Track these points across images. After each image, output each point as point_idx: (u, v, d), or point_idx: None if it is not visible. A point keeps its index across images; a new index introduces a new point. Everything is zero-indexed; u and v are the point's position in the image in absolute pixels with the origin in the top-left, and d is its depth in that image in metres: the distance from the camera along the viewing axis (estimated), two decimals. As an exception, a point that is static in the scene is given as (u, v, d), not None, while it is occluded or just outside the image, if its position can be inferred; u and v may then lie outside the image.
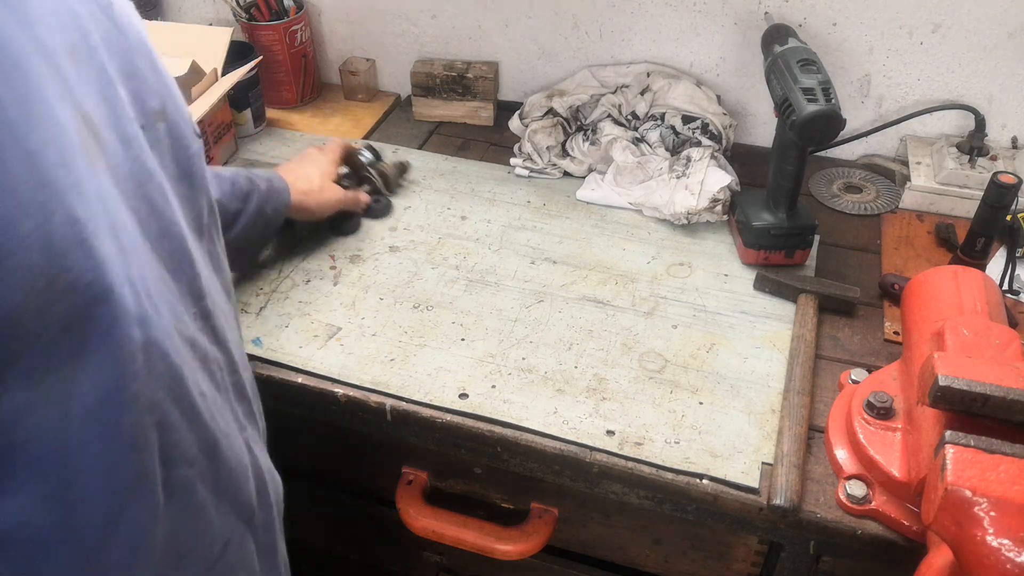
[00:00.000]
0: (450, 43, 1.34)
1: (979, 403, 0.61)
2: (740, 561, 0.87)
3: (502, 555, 0.88)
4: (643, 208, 1.10)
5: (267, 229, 0.93)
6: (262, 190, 0.90)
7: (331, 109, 1.38)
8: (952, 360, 0.64)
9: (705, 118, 1.15)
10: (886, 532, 0.71)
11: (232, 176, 0.89)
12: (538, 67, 1.32)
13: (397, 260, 1.02)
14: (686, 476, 0.76)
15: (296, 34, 1.32)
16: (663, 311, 0.94)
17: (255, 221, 0.89)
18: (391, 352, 0.89)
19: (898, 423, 0.73)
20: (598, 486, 0.81)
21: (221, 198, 0.84)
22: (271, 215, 0.92)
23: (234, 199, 0.87)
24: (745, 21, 1.17)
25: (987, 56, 1.10)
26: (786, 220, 0.97)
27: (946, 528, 0.56)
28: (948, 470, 0.57)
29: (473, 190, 1.16)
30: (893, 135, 1.20)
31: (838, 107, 0.86)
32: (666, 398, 0.83)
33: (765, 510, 0.74)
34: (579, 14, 1.24)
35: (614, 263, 1.01)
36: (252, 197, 0.89)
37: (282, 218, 0.94)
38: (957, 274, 0.80)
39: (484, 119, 1.33)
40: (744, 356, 0.88)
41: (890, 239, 1.06)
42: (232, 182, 0.88)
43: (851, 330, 0.92)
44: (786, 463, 0.74)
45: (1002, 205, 0.90)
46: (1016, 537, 0.53)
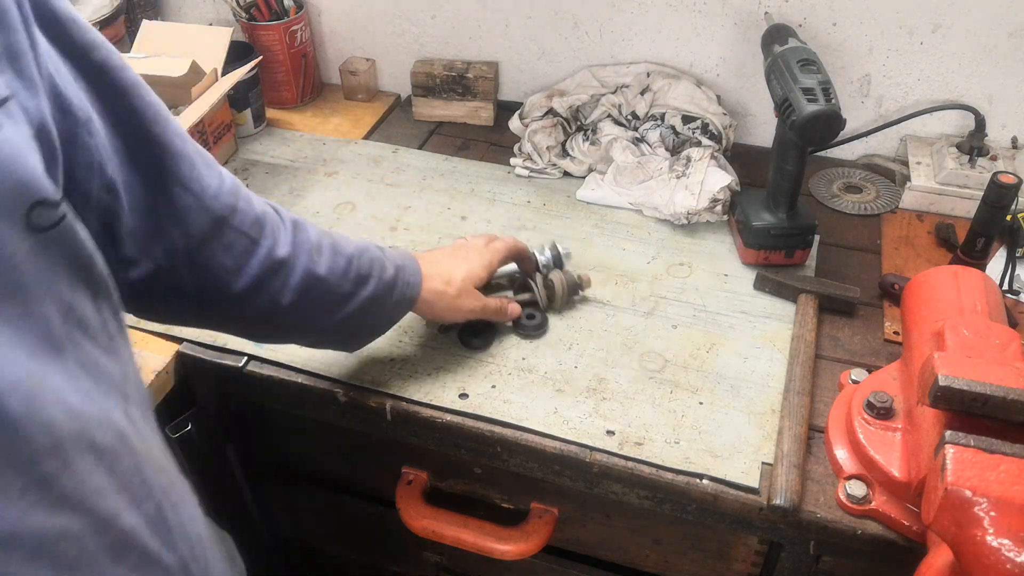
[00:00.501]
0: (450, 43, 1.34)
1: (979, 403, 0.61)
2: (740, 561, 0.87)
3: (502, 555, 0.88)
4: (643, 208, 1.10)
5: (381, 321, 0.80)
6: (385, 278, 0.76)
7: (331, 109, 1.39)
8: (952, 360, 0.64)
9: (705, 118, 1.15)
10: (886, 532, 0.71)
11: (355, 252, 0.74)
12: (538, 67, 1.32)
13: (397, 260, 1.02)
14: (686, 476, 0.76)
15: (296, 34, 1.32)
16: (663, 311, 0.94)
17: (366, 310, 0.75)
18: (391, 352, 0.89)
19: (898, 423, 0.73)
20: (598, 486, 0.81)
21: (330, 276, 0.71)
22: (390, 308, 0.78)
23: (346, 280, 0.73)
24: (745, 21, 1.17)
25: (987, 56, 1.10)
26: (786, 220, 0.97)
27: (946, 528, 0.56)
28: (948, 470, 0.57)
29: (473, 190, 1.16)
30: (893, 135, 1.20)
31: (838, 107, 0.86)
32: (666, 398, 0.83)
33: (765, 510, 0.74)
34: (579, 14, 1.24)
35: (614, 263, 1.01)
36: (369, 282, 0.74)
37: (403, 313, 0.81)
38: (957, 274, 0.80)
39: (484, 119, 1.33)
40: (744, 356, 0.88)
41: (890, 239, 1.06)
42: (351, 260, 0.73)
43: (851, 330, 0.92)
44: (786, 463, 0.74)
45: (1002, 205, 0.90)
46: (1016, 537, 0.53)
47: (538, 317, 0.91)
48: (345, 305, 0.73)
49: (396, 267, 0.78)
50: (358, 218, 1.10)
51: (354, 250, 0.74)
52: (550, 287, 0.92)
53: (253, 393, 0.91)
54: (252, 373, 0.88)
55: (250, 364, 0.88)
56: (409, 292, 0.79)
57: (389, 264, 0.77)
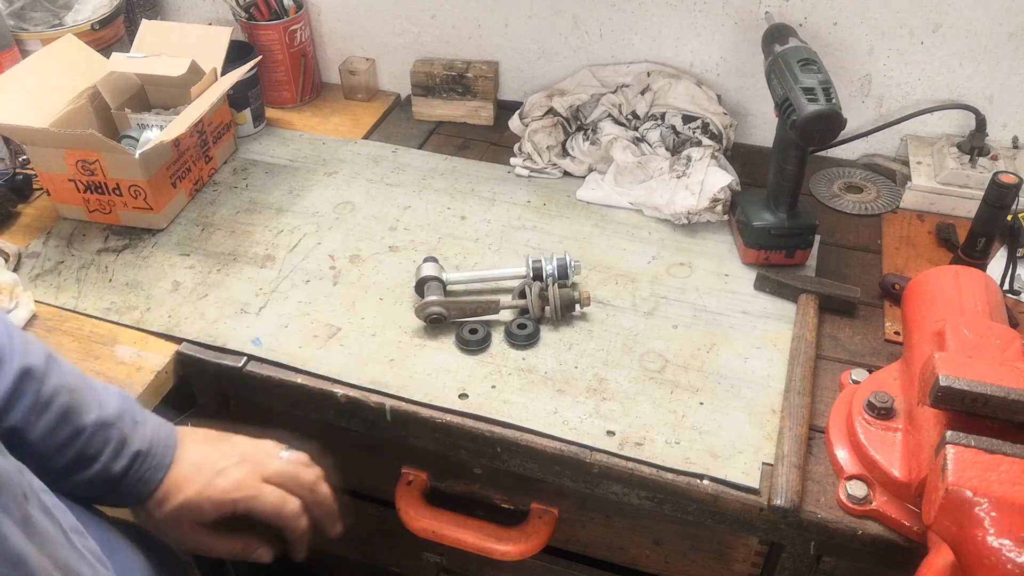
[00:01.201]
0: (450, 42, 1.34)
1: (980, 403, 0.61)
2: (740, 561, 0.87)
3: (501, 556, 0.88)
4: (643, 208, 1.10)
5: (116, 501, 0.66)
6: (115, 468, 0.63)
7: (331, 109, 1.38)
8: (953, 360, 0.64)
9: (705, 118, 1.15)
10: (887, 532, 0.71)
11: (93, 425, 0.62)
12: (538, 66, 1.32)
13: (397, 260, 1.02)
14: (686, 476, 0.76)
15: (296, 34, 1.32)
16: (663, 311, 0.94)
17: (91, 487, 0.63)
18: (391, 352, 0.89)
19: (899, 423, 0.73)
20: (598, 486, 0.81)
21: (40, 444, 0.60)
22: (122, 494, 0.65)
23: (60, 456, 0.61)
24: (745, 21, 1.16)
25: (988, 56, 1.10)
26: (786, 220, 0.97)
27: (947, 528, 0.56)
28: (949, 470, 0.57)
29: (473, 190, 1.16)
30: (894, 135, 1.20)
31: (839, 107, 0.86)
32: (666, 398, 0.83)
33: (766, 510, 0.74)
34: (579, 13, 1.24)
35: (614, 263, 1.01)
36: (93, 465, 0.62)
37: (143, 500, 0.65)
38: (958, 274, 0.80)
39: (484, 119, 1.32)
40: (744, 356, 0.88)
41: (891, 239, 1.06)
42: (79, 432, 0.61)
43: (852, 330, 0.92)
44: (787, 463, 0.74)
45: (1003, 205, 0.90)
46: (1017, 537, 0.53)
47: (529, 327, 0.90)
48: (62, 480, 0.61)
49: (135, 453, 0.64)
50: (358, 218, 1.10)
51: (93, 422, 0.62)
52: (544, 299, 0.91)
53: (253, 393, 0.91)
54: (252, 373, 0.88)
55: (250, 364, 0.88)
56: (142, 488, 0.65)
57: (129, 447, 0.64)
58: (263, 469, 0.68)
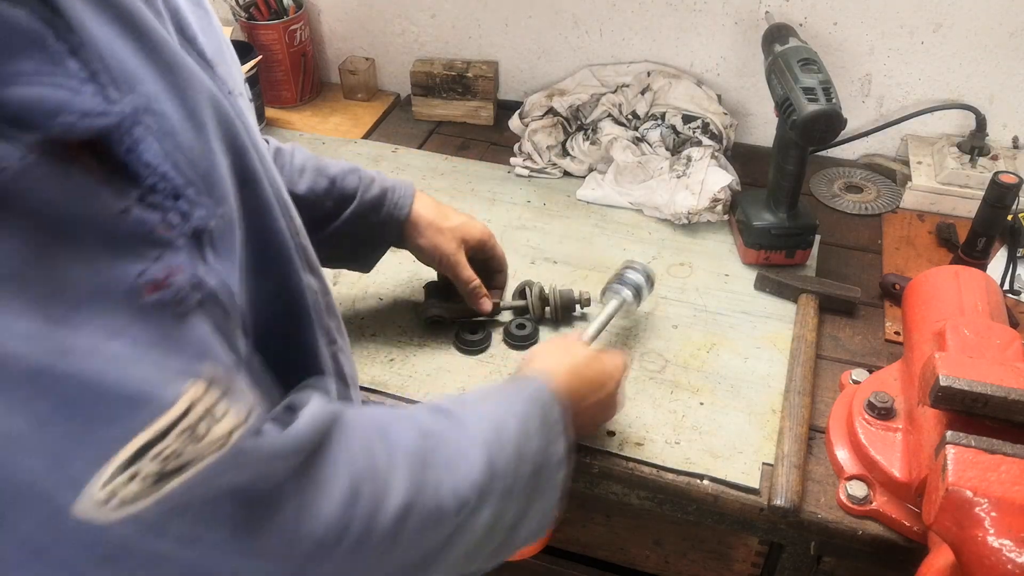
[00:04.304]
0: (450, 42, 1.34)
1: (980, 403, 0.61)
2: (740, 561, 0.87)
3: (502, 555, 0.88)
4: (644, 208, 1.10)
5: (373, 239, 0.84)
6: (368, 197, 0.81)
7: (330, 108, 1.38)
8: (953, 360, 0.64)
9: (706, 117, 1.15)
10: (887, 532, 0.71)
11: (339, 173, 0.80)
12: (538, 66, 1.32)
13: (397, 260, 1.02)
14: (687, 476, 0.76)
15: (295, 33, 1.32)
16: (663, 311, 0.94)
17: (354, 225, 0.80)
18: (391, 352, 0.89)
19: (899, 423, 0.73)
20: (598, 486, 0.81)
21: (309, 195, 0.77)
22: (378, 226, 0.82)
23: (328, 198, 0.79)
24: (745, 20, 1.16)
25: (988, 56, 1.10)
26: (787, 220, 0.97)
27: (947, 528, 0.56)
28: (949, 470, 0.56)
29: (473, 190, 1.16)
30: (894, 135, 1.20)
31: (839, 107, 0.86)
32: (666, 398, 0.83)
33: (766, 510, 0.74)
34: (579, 13, 1.23)
35: (615, 263, 1.01)
36: (352, 201, 0.80)
37: (394, 233, 0.84)
38: (958, 274, 0.80)
39: (484, 118, 1.32)
40: (745, 356, 0.88)
41: (891, 239, 1.06)
42: (334, 180, 0.79)
43: (852, 330, 0.92)
44: (787, 463, 0.74)
45: (1003, 205, 0.90)
46: (1017, 538, 0.53)
47: (528, 327, 0.89)
48: (328, 223, 0.79)
49: (384, 188, 0.82)
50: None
51: (339, 171, 0.80)
52: (545, 299, 0.91)
53: (253, 393, 0.90)
54: (252, 373, 0.88)
55: (250, 364, 0.88)
56: (397, 212, 0.83)
57: (377, 185, 0.82)
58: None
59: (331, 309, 0.63)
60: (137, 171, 0.37)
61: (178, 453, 0.36)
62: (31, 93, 0.33)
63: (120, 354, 0.35)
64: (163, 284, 0.37)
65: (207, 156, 0.42)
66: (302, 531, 0.42)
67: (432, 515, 0.48)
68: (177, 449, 0.36)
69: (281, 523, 0.41)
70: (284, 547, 0.42)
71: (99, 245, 0.35)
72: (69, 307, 0.34)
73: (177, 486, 0.36)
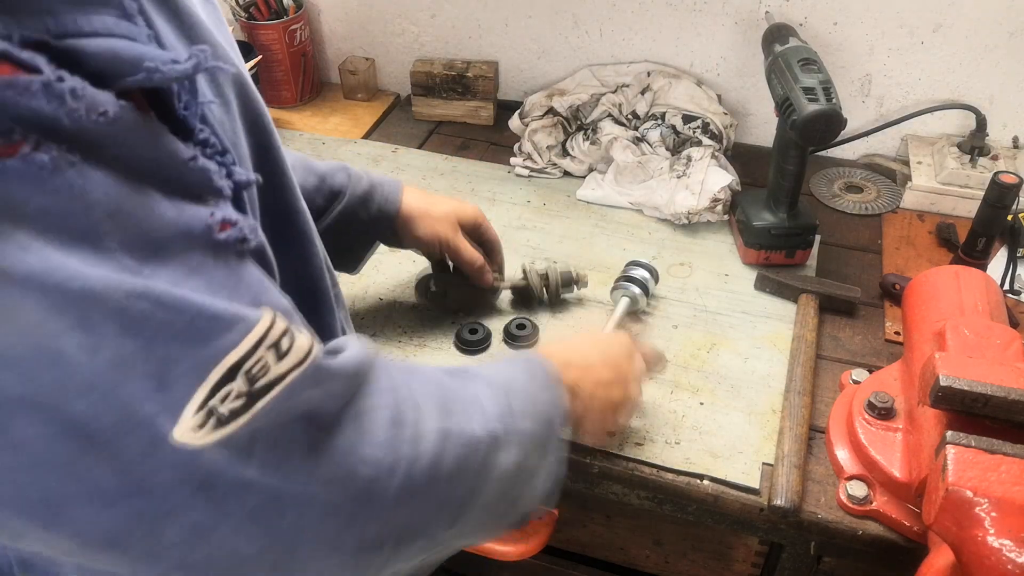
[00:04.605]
0: (450, 42, 1.34)
1: (980, 403, 0.61)
2: (741, 562, 0.87)
3: (502, 556, 0.88)
4: (643, 208, 1.10)
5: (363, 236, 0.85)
6: (358, 192, 0.82)
7: (330, 108, 1.38)
8: (953, 360, 0.64)
9: (706, 117, 1.15)
10: (887, 533, 0.71)
11: (328, 171, 0.81)
12: (538, 66, 1.32)
13: (397, 260, 1.02)
14: (687, 477, 0.76)
15: (295, 33, 1.32)
16: (663, 311, 0.94)
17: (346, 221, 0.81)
18: (391, 352, 0.89)
19: (899, 423, 0.73)
20: (598, 487, 0.81)
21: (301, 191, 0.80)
22: (369, 222, 0.83)
23: (319, 195, 0.80)
24: (746, 20, 1.16)
25: (988, 55, 1.10)
26: (787, 220, 0.97)
27: (947, 529, 0.56)
28: (949, 470, 0.56)
29: (473, 190, 1.16)
30: (894, 135, 1.20)
31: (839, 106, 0.86)
32: (666, 398, 0.83)
33: (766, 511, 0.74)
34: (579, 13, 1.23)
35: (615, 263, 1.01)
36: (342, 197, 0.81)
37: (385, 228, 0.85)
38: (958, 274, 0.80)
39: (484, 118, 1.32)
40: (745, 356, 0.88)
41: (891, 239, 1.06)
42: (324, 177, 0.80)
43: (852, 330, 0.92)
44: (787, 463, 0.74)
45: (1003, 205, 0.90)
46: (1017, 538, 0.53)
47: (528, 327, 0.90)
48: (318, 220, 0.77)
49: (373, 183, 0.84)
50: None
51: (327, 169, 0.81)
52: (545, 277, 0.92)
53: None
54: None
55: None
56: (388, 207, 0.84)
57: (364, 180, 0.83)
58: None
59: (339, 300, 0.66)
60: (192, 126, 0.41)
61: (265, 370, 0.39)
62: (112, 46, 0.36)
63: (201, 287, 0.38)
64: (229, 224, 0.41)
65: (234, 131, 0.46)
66: (362, 455, 0.45)
67: (466, 443, 0.51)
68: (265, 365, 0.39)
69: (344, 447, 0.44)
70: (348, 474, 0.44)
71: (176, 187, 0.39)
72: (157, 244, 0.37)
73: (264, 405, 0.39)
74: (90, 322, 0.35)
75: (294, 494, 0.42)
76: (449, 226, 0.86)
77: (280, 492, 0.41)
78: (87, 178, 0.35)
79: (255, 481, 0.40)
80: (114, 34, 0.36)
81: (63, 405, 0.35)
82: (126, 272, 0.35)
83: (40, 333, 0.34)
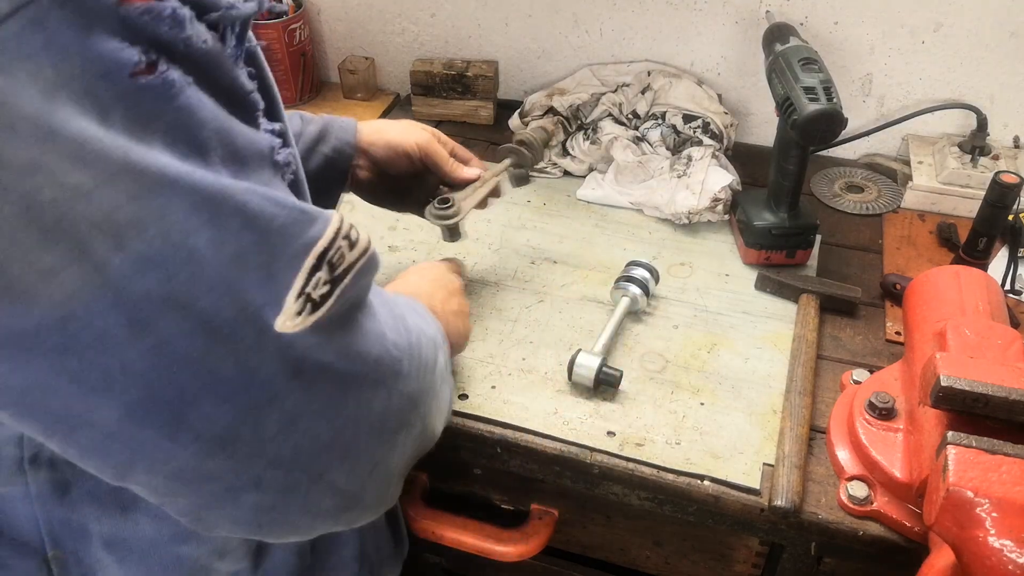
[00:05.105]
0: (450, 42, 1.34)
1: (981, 404, 0.61)
2: (741, 562, 0.87)
3: (501, 557, 0.88)
4: (644, 208, 1.10)
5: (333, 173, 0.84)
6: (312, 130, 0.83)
7: (330, 108, 1.38)
8: (954, 360, 0.63)
9: (706, 117, 1.15)
10: (888, 533, 0.71)
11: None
12: (538, 66, 1.31)
13: (396, 260, 1.02)
14: (687, 477, 0.76)
15: (295, 32, 1.32)
16: (664, 311, 0.94)
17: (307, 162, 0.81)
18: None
19: (900, 424, 0.73)
20: (598, 487, 0.80)
21: None
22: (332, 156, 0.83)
23: None
24: (746, 20, 1.16)
25: (989, 55, 1.09)
26: (787, 220, 0.97)
27: (948, 529, 0.56)
28: (950, 471, 0.56)
29: (473, 189, 1.16)
30: (895, 134, 1.19)
31: (839, 106, 0.86)
32: (667, 399, 0.83)
33: (766, 511, 0.74)
34: (579, 12, 1.23)
35: (615, 263, 1.01)
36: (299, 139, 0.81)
37: (347, 157, 0.84)
38: (959, 274, 0.80)
39: (484, 118, 1.32)
40: (745, 356, 0.88)
41: (892, 239, 1.06)
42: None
43: (853, 330, 0.92)
44: (787, 464, 0.74)
45: (1004, 205, 0.90)
46: (1018, 538, 0.53)
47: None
48: None
49: (325, 119, 0.85)
50: (357, 217, 1.10)
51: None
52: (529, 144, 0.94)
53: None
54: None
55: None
56: (345, 135, 0.85)
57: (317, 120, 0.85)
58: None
59: None
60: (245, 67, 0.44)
61: (342, 258, 0.44)
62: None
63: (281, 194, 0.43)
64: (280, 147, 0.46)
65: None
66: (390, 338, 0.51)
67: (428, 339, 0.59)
68: (342, 254, 0.44)
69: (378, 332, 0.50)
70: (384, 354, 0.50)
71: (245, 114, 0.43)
72: (243, 160, 0.42)
73: (343, 289, 0.44)
74: (220, 218, 0.38)
75: (355, 375, 0.47)
76: (419, 127, 0.88)
77: (347, 373, 0.46)
78: (199, 98, 0.39)
79: (332, 364, 0.45)
80: None
81: (195, 301, 0.38)
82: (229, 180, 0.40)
83: (180, 231, 0.37)
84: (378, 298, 0.52)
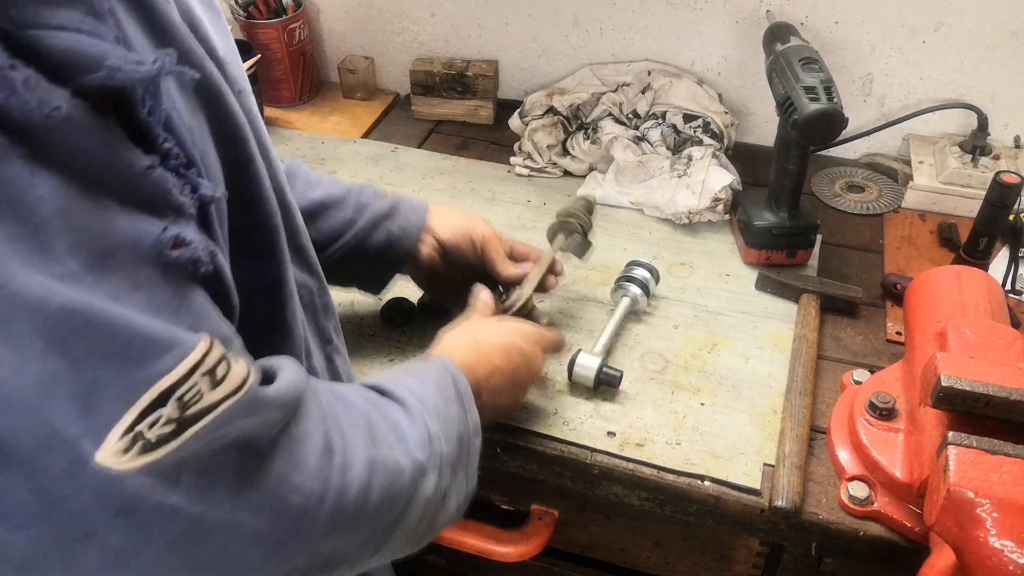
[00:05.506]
0: (450, 41, 1.34)
1: (981, 404, 0.61)
2: (741, 563, 0.87)
3: (501, 557, 0.88)
4: (644, 207, 1.10)
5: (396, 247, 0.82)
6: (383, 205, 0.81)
7: (330, 108, 1.38)
8: (955, 360, 0.63)
9: (706, 117, 1.15)
10: (888, 533, 0.71)
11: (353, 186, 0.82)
12: (538, 65, 1.31)
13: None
14: (687, 477, 0.76)
15: (295, 32, 1.32)
16: (664, 311, 0.94)
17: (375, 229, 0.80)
18: (391, 352, 0.89)
19: (900, 424, 0.73)
20: (599, 487, 0.80)
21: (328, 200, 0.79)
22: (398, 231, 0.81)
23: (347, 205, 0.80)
24: (746, 19, 1.16)
25: (990, 55, 1.09)
26: (788, 220, 0.97)
27: (948, 529, 0.56)
28: (950, 471, 0.56)
29: (473, 189, 1.16)
30: (895, 134, 1.19)
31: (840, 106, 0.86)
32: (667, 399, 0.83)
33: (767, 511, 0.74)
34: (579, 12, 1.23)
35: (615, 263, 1.01)
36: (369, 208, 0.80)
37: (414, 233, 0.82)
38: (959, 274, 0.80)
39: (484, 118, 1.32)
40: (746, 356, 0.88)
41: (892, 239, 1.06)
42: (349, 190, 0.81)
43: (853, 330, 0.92)
44: (788, 464, 0.74)
45: (1005, 205, 0.90)
46: (1019, 539, 0.52)
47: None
48: (347, 229, 0.79)
49: (397, 197, 0.83)
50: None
51: (351, 184, 0.82)
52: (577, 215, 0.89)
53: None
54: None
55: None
56: (415, 217, 0.83)
57: (388, 196, 0.83)
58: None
59: (328, 310, 0.65)
60: (155, 134, 0.39)
61: (199, 397, 0.37)
62: (75, 42, 0.35)
63: (141, 305, 0.37)
64: (182, 244, 0.39)
65: (203, 139, 0.44)
66: (293, 483, 0.43)
67: (392, 472, 0.50)
68: (199, 392, 0.37)
69: (276, 475, 0.43)
70: (278, 502, 0.43)
71: (129, 197, 0.37)
72: (101, 254, 0.36)
73: (195, 432, 0.37)
74: (15, 334, 0.33)
75: (221, 522, 0.40)
76: (483, 222, 0.85)
77: (206, 520, 0.40)
78: (35, 173, 0.33)
79: (180, 508, 0.38)
80: (80, 30, 0.35)
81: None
82: (67, 279, 0.34)
83: None
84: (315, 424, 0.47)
